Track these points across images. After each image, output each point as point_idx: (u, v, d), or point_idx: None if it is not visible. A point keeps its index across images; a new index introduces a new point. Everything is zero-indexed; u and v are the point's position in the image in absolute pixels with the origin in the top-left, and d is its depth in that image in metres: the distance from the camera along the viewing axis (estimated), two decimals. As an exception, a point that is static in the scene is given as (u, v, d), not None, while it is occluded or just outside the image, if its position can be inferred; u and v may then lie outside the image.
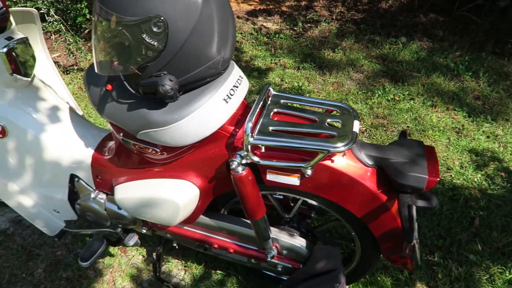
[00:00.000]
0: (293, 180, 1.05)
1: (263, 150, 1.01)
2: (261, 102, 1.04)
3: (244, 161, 1.02)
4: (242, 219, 1.28)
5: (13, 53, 1.15)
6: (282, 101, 1.09)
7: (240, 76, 1.07)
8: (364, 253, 1.25)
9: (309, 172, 1.00)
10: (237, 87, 1.04)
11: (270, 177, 1.06)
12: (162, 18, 0.83)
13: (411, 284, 1.53)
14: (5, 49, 1.13)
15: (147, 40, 0.85)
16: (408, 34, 3.31)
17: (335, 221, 1.31)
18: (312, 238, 1.32)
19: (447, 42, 3.19)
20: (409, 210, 0.96)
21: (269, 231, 1.19)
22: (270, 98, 1.10)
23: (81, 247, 1.68)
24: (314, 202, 1.16)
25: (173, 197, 1.11)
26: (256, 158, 1.00)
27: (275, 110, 1.06)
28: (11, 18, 1.19)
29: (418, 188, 0.95)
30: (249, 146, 0.98)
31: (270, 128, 0.99)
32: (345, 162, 1.01)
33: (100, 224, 1.43)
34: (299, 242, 1.24)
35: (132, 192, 1.19)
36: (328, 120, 1.02)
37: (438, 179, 0.94)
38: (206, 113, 0.96)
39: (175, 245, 1.47)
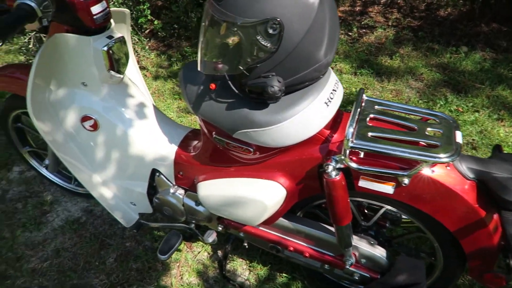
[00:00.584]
0: (387, 188, 1.03)
1: (361, 155, 1.00)
2: (359, 107, 1.03)
3: (338, 166, 1.02)
4: (321, 224, 1.27)
5: (111, 51, 1.21)
6: (376, 107, 1.08)
7: (336, 80, 1.07)
8: (446, 269, 1.21)
9: (406, 181, 0.98)
10: (335, 91, 1.04)
11: (363, 183, 1.05)
12: (278, 20, 0.84)
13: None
14: (105, 48, 1.19)
15: (261, 42, 0.87)
16: (469, 43, 3.20)
17: (416, 233, 1.28)
18: (390, 248, 1.29)
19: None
20: None
21: (352, 238, 1.18)
22: (363, 103, 1.09)
23: (149, 239, 1.73)
24: (400, 211, 1.13)
25: (261, 198, 1.12)
26: (353, 164, 0.99)
27: (371, 115, 1.05)
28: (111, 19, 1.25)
29: None
30: (348, 151, 0.98)
31: (369, 133, 0.98)
32: (445, 173, 0.98)
33: (174, 219, 1.46)
34: (380, 251, 1.22)
35: (217, 190, 1.21)
36: (428, 129, 1.00)
37: None
38: (309, 116, 0.97)
39: (245, 244, 1.48)
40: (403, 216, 1.20)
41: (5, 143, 2.23)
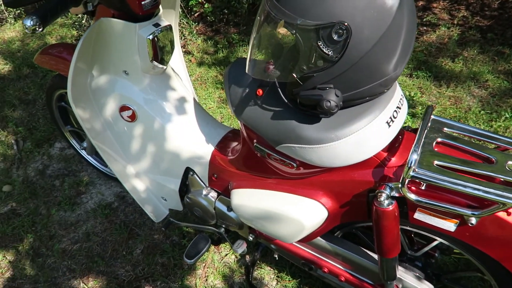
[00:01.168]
0: (448, 225, 0.89)
1: (422, 186, 0.86)
2: (425, 129, 0.89)
3: (393, 194, 0.89)
4: (362, 249, 1.15)
5: (156, 40, 1.13)
6: (445, 129, 0.93)
7: (401, 95, 0.93)
8: None
9: (474, 221, 0.83)
10: (399, 108, 0.90)
11: (419, 216, 0.91)
12: (346, 24, 0.71)
13: None
14: (150, 36, 1.11)
15: (322, 48, 0.75)
16: (546, 50, 2.85)
17: (472, 271, 1.13)
18: (439, 285, 1.15)
19: None
20: None
21: (397, 271, 1.05)
22: (429, 123, 0.94)
23: (177, 235, 1.68)
24: (458, 249, 0.99)
25: (300, 217, 1.02)
26: (412, 195, 0.86)
27: (438, 139, 0.90)
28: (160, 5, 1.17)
29: None
30: (407, 180, 0.84)
31: (435, 162, 0.84)
32: None
33: (204, 221, 1.40)
34: (427, 287, 1.09)
35: (252, 200, 1.12)
36: (510, 162, 0.84)
37: None
38: (367, 136, 0.84)
39: (276, 256, 1.39)
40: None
41: (50, 118, 2.26)
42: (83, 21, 2.91)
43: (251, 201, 1.12)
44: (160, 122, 1.26)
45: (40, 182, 1.93)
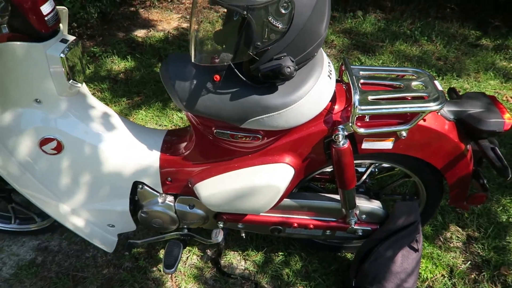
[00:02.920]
0: (387, 145, 1.11)
1: (367, 119, 1.06)
2: (353, 75, 1.08)
3: (345, 133, 1.06)
4: (322, 194, 1.32)
5: (67, 57, 1.04)
6: (361, 72, 1.14)
7: (323, 52, 1.10)
8: (427, 205, 1.37)
9: (404, 133, 1.07)
10: (330, 63, 1.06)
11: (366, 145, 1.12)
12: None
13: (446, 226, 1.71)
14: (63, 54, 1.01)
15: (272, 22, 0.84)
16: (361, 7, 3.53)
17: (401, 179, 1.42)
18: (380, 198, 1.41)
19: (397, 11, 3.47)
20: (494, 151, 1.09)
21: (355, 199, 1.26)
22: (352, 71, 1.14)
23: (128, 260, 1.57)
24: (392, 165, 1.24)
25: (273, 182, 1.11)
26: (361, 130, 1.04)
27: (361, 81, 1.11)
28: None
29: (499, 131, 1.08)
30: (355, 117, 1.02)
31: (369, 97, 1.04)
32: (432, 119, 1.10)
33: (165, 229, 1.36)
34: (377, 204, 1.33)
35: (221, 186, 1.15)
36: (413, 83, 1.10)
37: None
38: (320, 90, 0.98)
39: (243, 235, 1.46)
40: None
41: None
42: None
43: (221, 187, 1.15)
44: (92, 144, 1.16)
45: None
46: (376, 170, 1.47)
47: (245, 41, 0.88)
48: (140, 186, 1.26)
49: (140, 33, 3.07)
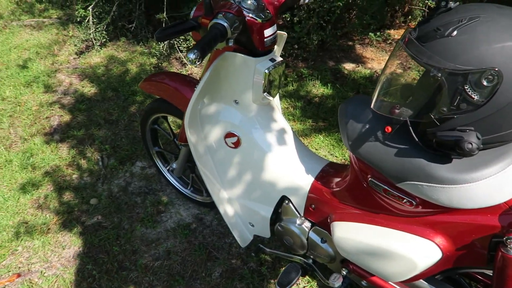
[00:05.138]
0: None
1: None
2: None
3: (521, 241, 0.87)
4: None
5: (270, 73, 1.21)
6: None
7: None
8: None
9: None
10: None
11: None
12: (497, 70, 0.74)
13: None
14: (267, 70, 1.19)
15: (468, 92, 0.77)
16: None
17: None
18: None
19: None
20: None
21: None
22: None
23: (255, 261, 1.70)
24: None
25: (413, 256, 1.01)
26: (548, 245, 0.83)
27: None
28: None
29: None
30: (542, 229, 0.82)
31: None
32: None
33: (293, 250, 1.41)
34: None
35: (358, 234, 1.12)
36: None
37: None
38: (503, 181, 0.84)
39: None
40: None
41: (132, 138, 2.41)
42: (163, 50, 3.13)
43: (356, 235, 1.12)
44: (262, 150, 1.32)
45: (123, 198, 2.04)
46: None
47: (431, 103, 0.83)
48: (286, 201, 1.35)
49: (348, 66, 3.21)
